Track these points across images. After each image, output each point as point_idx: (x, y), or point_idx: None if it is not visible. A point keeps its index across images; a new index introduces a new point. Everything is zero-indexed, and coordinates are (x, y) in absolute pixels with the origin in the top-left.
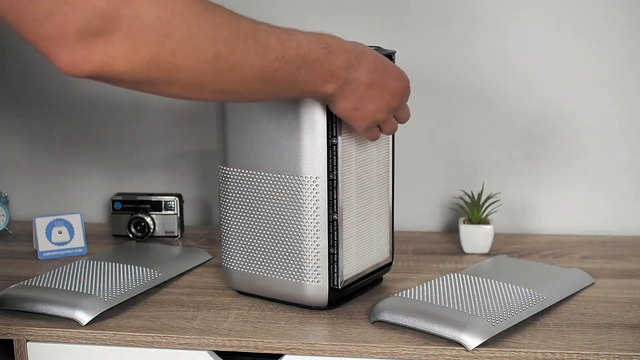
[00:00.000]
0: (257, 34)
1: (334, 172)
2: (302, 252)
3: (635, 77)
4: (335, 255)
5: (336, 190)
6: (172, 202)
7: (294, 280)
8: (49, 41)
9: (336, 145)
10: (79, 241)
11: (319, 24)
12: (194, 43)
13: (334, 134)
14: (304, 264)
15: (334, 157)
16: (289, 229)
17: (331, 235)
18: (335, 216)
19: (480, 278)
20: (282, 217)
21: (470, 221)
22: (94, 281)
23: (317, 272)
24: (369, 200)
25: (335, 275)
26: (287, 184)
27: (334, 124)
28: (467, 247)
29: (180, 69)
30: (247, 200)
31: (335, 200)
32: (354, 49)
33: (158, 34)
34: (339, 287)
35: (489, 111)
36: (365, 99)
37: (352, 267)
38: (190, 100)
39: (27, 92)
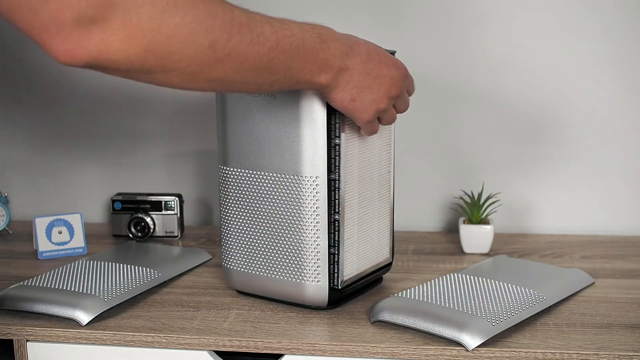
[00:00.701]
0: (252, 23)
1: (336, 172)
2: (302, 252)
3: (636, 77)
4: (336, 255)
5: (338, 191)
6: (172, 202)
7: (294, 280)
8: (44, 30)
9: (339, 145)
10: (79, 241)
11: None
12: (189, 31)
13: (337, 134)
14: (304, 264)
15: (337, 157)
16: (289, 229)
17: (332, 235)
18: (337, 216)
19: (480, 278)
20: (282, 217)
21: (470, 221)
22: (94, 281)
23: (317, 272)
24: (371, 200)
25: (335, 275)
26: (287, 184)
27: (337, 124)
28: (467, 247)
29: (177, 58)
30: (247, 200)
31: (337, 201)
32: (347, 39)
33: (154, 22)
34: (339, 287)
35: (489, 111)
36: (362, 88)
37: (352, 267)
38: (186, 89)
39: (27, 92)
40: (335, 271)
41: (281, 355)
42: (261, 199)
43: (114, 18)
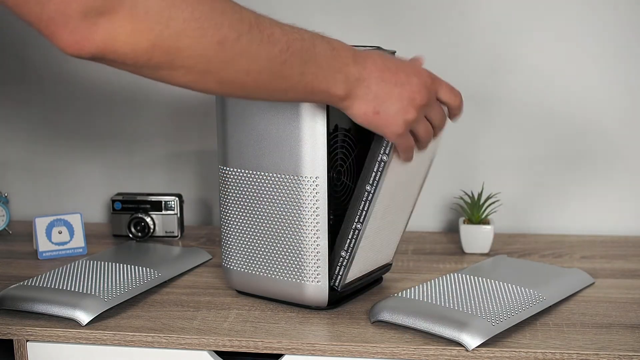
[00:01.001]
0: (261, 24)
1: (374, 186)
2: (302, 252)
3: (635, 78)
4: (346, 260)
5: (369, 203)
6: (172, 202)
7: (294, 280)
8: (51, 22)
9: (385, 162)
10: (79, 241)
11: (319, 24)
12: (198, 27)
13: (386, 151)
14: (304, 264)
15: (379, 172)
16: (289, 229)
17: (349, 241)
18: (359, 225)
19: (480, 278)
20: (282, 217)
21: (470, 221)
22: (94, 281)
23: (317, 272)
24: (394, 212)
25: (340, 277)
26: (287, 184)
27: (389, 141)
28: (467, 247)
29: (185, 54)
30: (247, 200)
31: (364, 212)
32: (355, 49)
33: (161, 15)
34: (339, 290)
35: (489, 111)
36: (383, 99)
37: (355, 270)
38: (196, 90)
39: (27, 92)
40: (341, 273)
41: (281, 355)
42: (261, 199)
43: (121, 10)
